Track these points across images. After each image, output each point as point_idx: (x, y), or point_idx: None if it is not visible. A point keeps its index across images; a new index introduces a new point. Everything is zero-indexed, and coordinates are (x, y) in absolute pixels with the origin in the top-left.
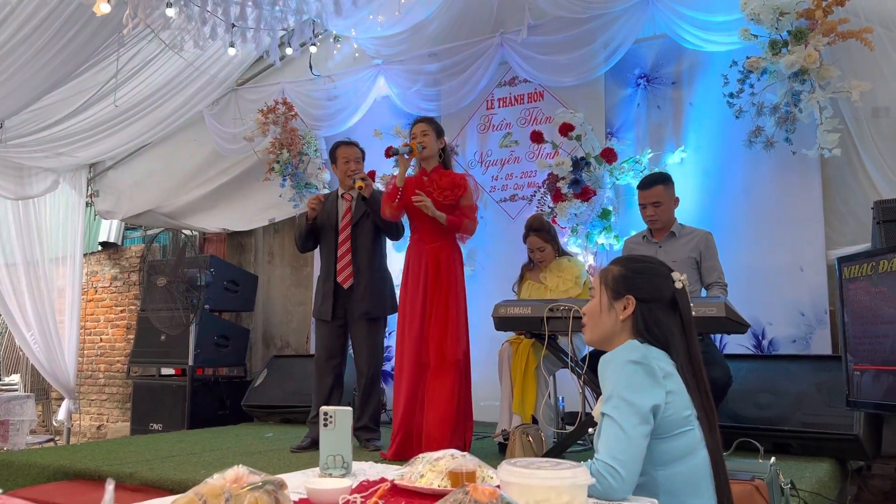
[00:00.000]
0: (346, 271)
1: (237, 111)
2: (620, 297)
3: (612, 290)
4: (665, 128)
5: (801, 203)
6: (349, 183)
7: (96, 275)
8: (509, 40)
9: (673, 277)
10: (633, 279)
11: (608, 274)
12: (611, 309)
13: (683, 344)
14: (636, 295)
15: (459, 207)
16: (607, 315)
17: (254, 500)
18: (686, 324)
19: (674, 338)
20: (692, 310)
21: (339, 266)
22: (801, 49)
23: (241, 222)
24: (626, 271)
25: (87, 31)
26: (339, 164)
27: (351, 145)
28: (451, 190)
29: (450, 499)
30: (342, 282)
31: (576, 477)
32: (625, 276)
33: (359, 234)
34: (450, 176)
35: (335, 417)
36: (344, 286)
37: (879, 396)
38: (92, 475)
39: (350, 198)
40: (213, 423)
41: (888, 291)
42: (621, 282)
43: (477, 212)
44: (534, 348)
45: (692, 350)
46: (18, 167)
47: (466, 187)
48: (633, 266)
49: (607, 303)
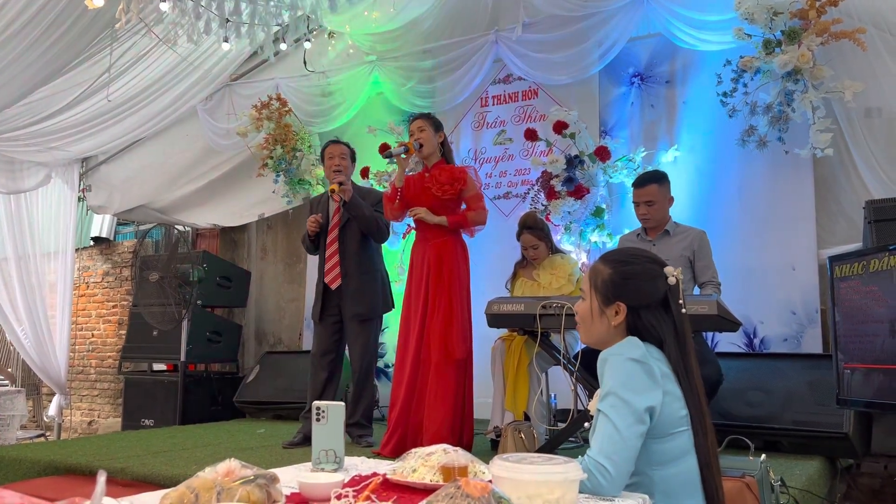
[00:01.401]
0: (333, 272)
1: (231, 106)
2: (610, 304)
3: (601, 294)
4: (658, 126)
5: (794, 202)
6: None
7: (88, 270)
8: (504, 38)
9: (666, 273)
10: (622, 285)
11: (597, 276)
12: (602, 315)
13: (676, 343)
14: (626, 302)
15: (465, 200)
16: (599, 321)
17: (246, 493)
18: (678, 322)
19: (667, 338)
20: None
21: (327, 266)
22: (794, 49)
23: (234, 218)
24: (615, 276)
25: (80, 25)
26: (325, 162)
27: (338, 143)
28: (450, 185)
29: (441, 493)
30: (330, 283)
31: (567, 472)
32: (614, 281)
33: (347, 236)
34: (448, 170)
35: (327, 412)
36: (332, 287)
37: (869, 395)
38: (83, 470)
39: (338, 199)
40: (204, 418)
41: (879, 290)
42: (610, 287)
43: (483, 200)
44: (526, 345)
45: (685, 349)
46: (10, 161)
47: (466, 179)
48: (622, 270)
49: (598, 308)
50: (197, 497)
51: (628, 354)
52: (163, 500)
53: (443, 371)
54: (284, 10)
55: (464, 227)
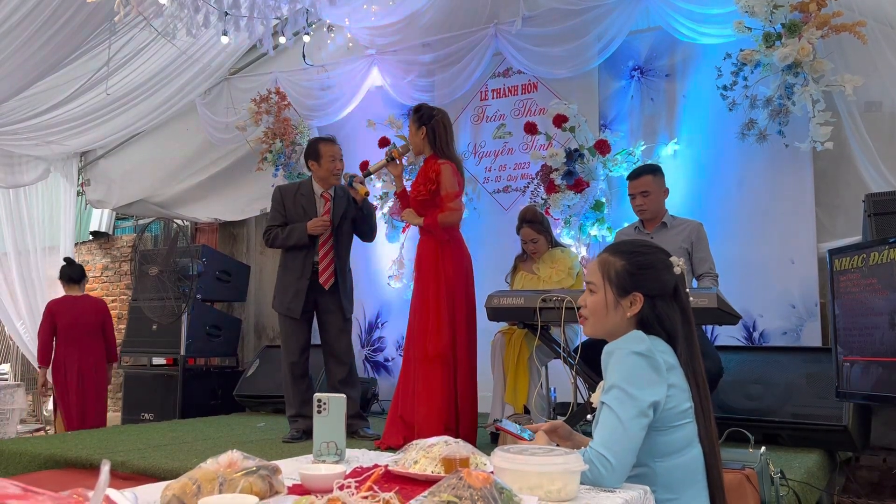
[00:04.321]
0: (328, 271)
1: (230, 100)
2: (627, 295)
3: (617, 286)
4: (658, 120)
5: (793, 196)
6: (335, 182)
7: (87, 264)
8: (504, 31)
9: (672, 263)
10: (640, 275)
11: (610, 268)
12: (617, 306)
13: (685, 333)
14: (643, 292)
15: (438, 200)
16: (614, 312)
17: (248, 484)
18: (684, 312)
19: (677, 330)
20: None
21: (321, 266)
22: (794, 42)
23: (233, 212)
24: (630, 266)
25: (79, 18)
26: (323, 162)
27: (335, 143)
28: (423, 185)
29: (444, 484)
30: (324, 282)
31: (568, 463)
32: (630, 272)
33: (340, 235)
34: (424, 170)
35: (329, 405)
36: (326, 286)
37: (869, 387)
38: (83, 464)
39: (328, 197)
40: (204, 412)
41: (878, 283)
42: (627, 278)
43: (457, 198)
44: (526, 339)
45: (692, 339)
46: (9, 155)
47: (435, 180)
48: (637, 261)
49: (613, 300)
50: (199, 488)
51: (633, 348)
52: (165, 490)
53: (423, 367)
54: (284, 3)
55: (434, 229)
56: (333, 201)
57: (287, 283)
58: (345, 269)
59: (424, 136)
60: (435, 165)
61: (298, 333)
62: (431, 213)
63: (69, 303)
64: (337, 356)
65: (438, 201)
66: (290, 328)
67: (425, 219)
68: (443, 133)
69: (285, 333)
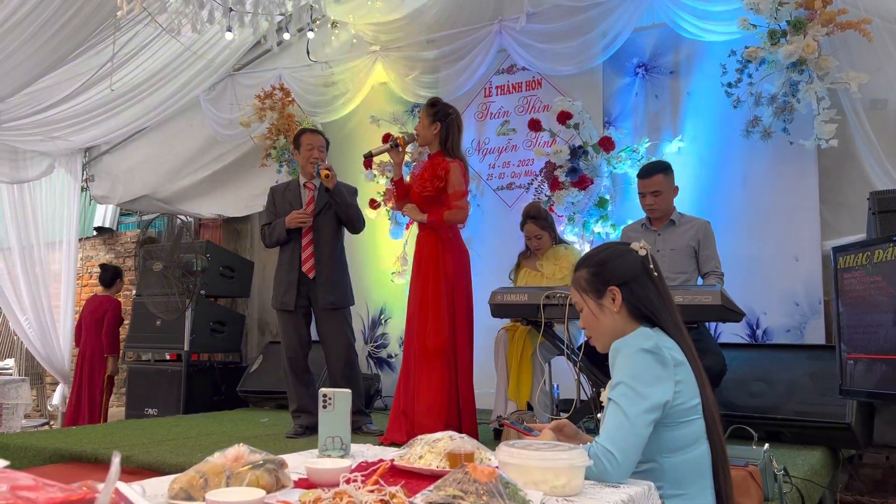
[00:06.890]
0: (309, 262)
1: (234, 97)
2: (603, 294)
3: (592, 292)
4: (663, 117)
5: (798, 193)
6: (311, 171)
7: (91, 260)
8: (508, 28)
9: (633, 248)
10: (603, 271)
11: (580, 281)
12: (602, 308)
13: (664, 306)
14: (615, 283)
15: (445, 197)
16: (602, 316)
17: (255, 478)
18: (660, 286)
19: (658, 309)
20: (686, 297)
21: (304, 256)
22: (799, 39)
23: (237, 208)
24: (592, 269)
25: (83, 14)
26: (302, 150)
27: (316, 133)
28: (430, 181)
29: (450, 478)
30: (307, 271)
31: (573, 458)
32: (594, 273)
33: (321, 224)
34: (433, 166)
35: (334, 400)
36: (310, 276)
37: (872, 385)
38: (88, 458)
39: (313, 187)
40: (208, 408)
41: (883, 281)
42: (595, 279)
43: (464, 196)
44: (530, 335)
45: (672, 308)
46: (13, 150)
47: (444, 178)
48: (595, 261)
49: (596, 306)
50: (206, 481)
51: (640, 345)
52: (173, 483)
53: (423, 361)
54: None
55: (439, 226)
56: (317, 191)
57: (280, 278)
58: (329, 259)
59: (437, 133)
60: (444, 163)
61: (294, 328)
62: (436, 210)
63: (87, 302)
64: (331, 349)
65: (444, 199)
66: (286, 322)
67: (431, 215)
68: (455, 133)
69: (281, 328)
